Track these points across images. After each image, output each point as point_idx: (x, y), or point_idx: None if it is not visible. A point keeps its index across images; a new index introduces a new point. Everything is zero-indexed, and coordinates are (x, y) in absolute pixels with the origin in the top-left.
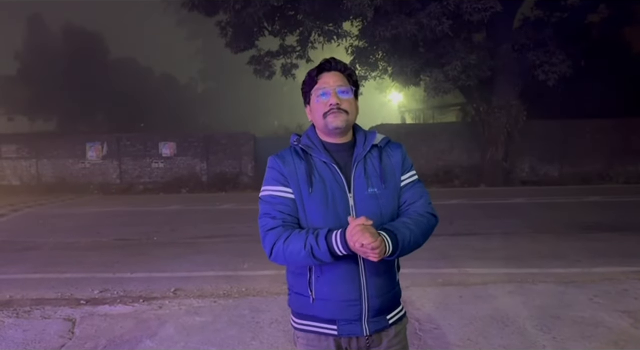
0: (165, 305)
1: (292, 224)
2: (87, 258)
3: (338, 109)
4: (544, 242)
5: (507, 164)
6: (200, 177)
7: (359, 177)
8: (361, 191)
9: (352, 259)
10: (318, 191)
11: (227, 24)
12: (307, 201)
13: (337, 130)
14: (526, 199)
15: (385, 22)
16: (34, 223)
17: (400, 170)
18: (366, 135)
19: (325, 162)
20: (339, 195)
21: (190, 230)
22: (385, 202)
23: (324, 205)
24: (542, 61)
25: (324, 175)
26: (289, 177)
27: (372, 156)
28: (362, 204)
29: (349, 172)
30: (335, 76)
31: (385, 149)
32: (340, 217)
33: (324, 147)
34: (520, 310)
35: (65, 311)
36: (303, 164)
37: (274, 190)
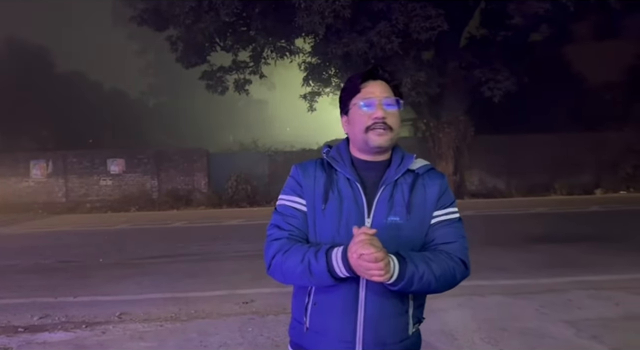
0: (109, 330)
1: (300, 238)
2: (28, 281)
3: (383, 123)
4: (492, 254)
5: (456, 177)
6: (150, 194)
7: (382, 202)
8: (381, 217)
9: (352, 288)
10: (332, 208)
11: (178, 38)
12: (318, 217)
13: (378, 149)
14: (475, 212)
15: (336, 39)
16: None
17: (433, 204)
18: (403, 156)
19: (349, 179)
20: (354, 217)
21: (138, 250)
22: (406, 234)
23: (336, 224)
24: (487, 78)
25: (343, 192)
26: (305, 188)
27: (404, 181)
28: (379, 232)
29: (373, 194)
30: (382, 86)
31: (423, 177)
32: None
33: (351, 162)
34: (469, 323)
35: (1, 340)
36: (323, 177)
37: (287, 200)
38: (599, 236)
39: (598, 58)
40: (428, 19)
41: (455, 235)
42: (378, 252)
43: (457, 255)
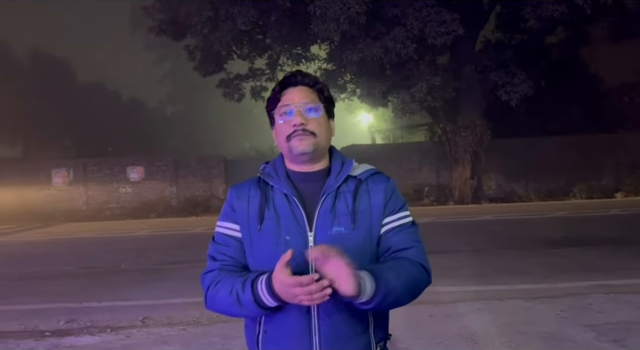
0: (133, 334)
1: (234, 268)
2: (52, 287)
3: (303, 130)
4: (511, 258)
5: (474, 181)
6: (169, 201)
7: (324, 213)
8: (324, 230)
9: (302, 311)
10: (269, 228)
11: (195, 47)
12: (254, 240)
13: (303, 155)
14: (493, 216)
15: (351, 45)
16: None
17: (380, 210)
18: (343, 163)
19: (285, 194)
20: (295, 234)
21: (159, 256)
22: (353, 245)
23: (274, 244)
24: (503, 81)
25: (280, 209)
26: (238, 211)
27: (346, 189)
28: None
29: (314, 206)
30: (302, 92)
31: (366, 182)
32: (296, 260)
33: (286, 176)
34: (489, 327)
35: (29, 344)
36: (258, 196)
37: (221, 227)
38: (619, 240)
39: (615, 59)
40: (443, 24)
41: (411, 240)
42: (297, 278)
43: (417, 261)
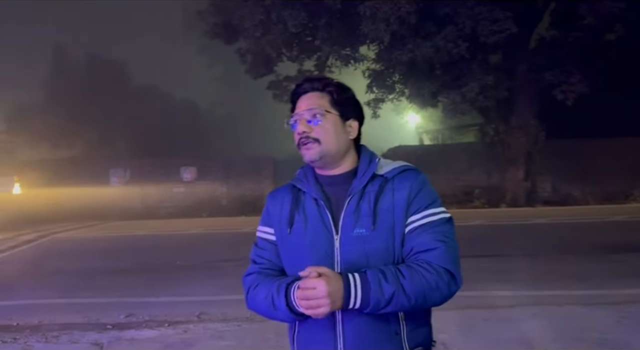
0: (190, 329)
1: (272, 271)
2: (112, 282)
3: (307, 138)
4: (568, 263)
5: (527, 183)
6: (220, 200)
7: (348, 215)
8: (348, 231)
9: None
10: (298, 231)
11: (247, 50)
12: (285, 243)
13: (312, 163)
14: (548, 219)
15: (401, 45)
16: (59, 248)
17: (403, 209)
18: (370, 161)
19: (315, 198)
20: (321, 237)
21: (212, 253)
22: (374, 246)
23: (301, 247)
24: (559, 81)
25: (309, 213)
26: (272, 216)
27: (372, 189)
28: (347, 248)
29: (340, 208)
30: (310, 98)
31: (392, 181)
32: (321, 263)
33: (315, 180)
34: (546, 332)
35: (93, 336)
36: (290, 201)
37: (260, 231)
38: None
39: None
40: (496, 22)
41: (436, 240)
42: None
43: (439, 264)
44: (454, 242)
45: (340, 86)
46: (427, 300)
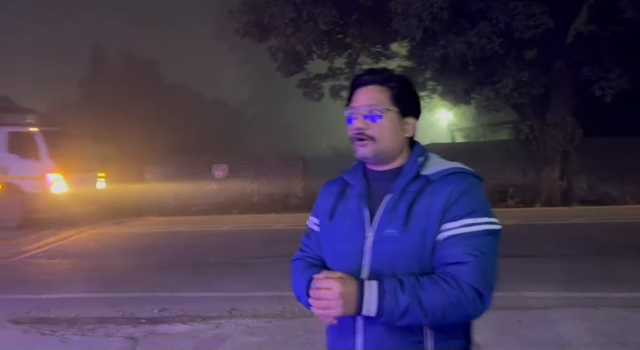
0: (222, 324)
1: (314, 260)
2: (146, 278)
3: (363, 135)
4: (606, 264)
5: (564, 183)
6: (251, 198)
7: (385, 213)
8: (380, 230)
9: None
10: (336, 224)
11: (278, 49)
12: (325, 234)
13: (365, 160)
14: (585, 220)
15: (433, 42)
16: (96, 244)
17: (438, 213)
18: (416, 161)
19: (359, 193)
20: (356, 233)
21: (243, 250)
22: (403, 250)
23: (338, 240)
24: (598, 77)
25: (350, 206)
26: (319, 206)
27: (413, 189)
28: (378, 247)
29: (380, 206)
30: (369, 93)
31: (436, 183)
32: (351, 259)
33: (363, 175)
34: (583, 335)
35: (127, 330)
36: (337, 193)
37: (310, 220)
38: None
39: None
40: (532, 17)
41: (468, 254)
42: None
43: (467, 281)
44: (489, 258)
45: (402, 81)
46: (446, 317)
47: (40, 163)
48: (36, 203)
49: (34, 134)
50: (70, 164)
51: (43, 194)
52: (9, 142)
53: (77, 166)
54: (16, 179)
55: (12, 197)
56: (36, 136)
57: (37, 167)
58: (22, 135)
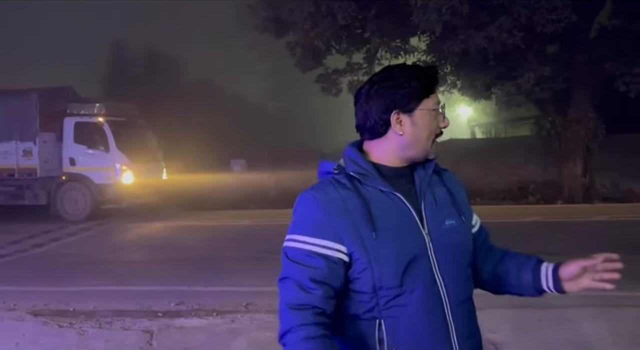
0: (237, 319)
1: (328, 301)
2: (163, 271)
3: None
4: (630, 263)
5: (586, 179)
6: (268, 192)
7: (430, 208)
8: (437, 225)
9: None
10: (385, 231)
11: (296, 44)
12: (372, 250)
13: (430, 157)
14: (608, 217)
15: (453, 36)
16: (111, 238)
17: (467, 202)
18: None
19: (384, 191)
20: (411, 234)
21: (260, 245)
22: (462, 239)
23: (389, 251)
24: (621, 72)
25: (388, 209)
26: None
27: (433, 182)
28: (440, 243)
29: (414, 201)
30: None
31: (441, 174)
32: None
33: (378, 172)
34: (605, 335)
35: (144, 323)
36: (356, 198)
37: (313, 244)
38: None
39: None
40: (554, 11)
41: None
42: None
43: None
44: None
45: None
46: None
47: (109, 153)
48: (105, 194)
49: (102, 124)
50: (137, 154)
51: (112, 185)
52: (76, 133)
53: (143, 156)
54: (84, 169)
55: (81, 188)
56: (104, 126)
57: (106, 158)
58: (90, 126)
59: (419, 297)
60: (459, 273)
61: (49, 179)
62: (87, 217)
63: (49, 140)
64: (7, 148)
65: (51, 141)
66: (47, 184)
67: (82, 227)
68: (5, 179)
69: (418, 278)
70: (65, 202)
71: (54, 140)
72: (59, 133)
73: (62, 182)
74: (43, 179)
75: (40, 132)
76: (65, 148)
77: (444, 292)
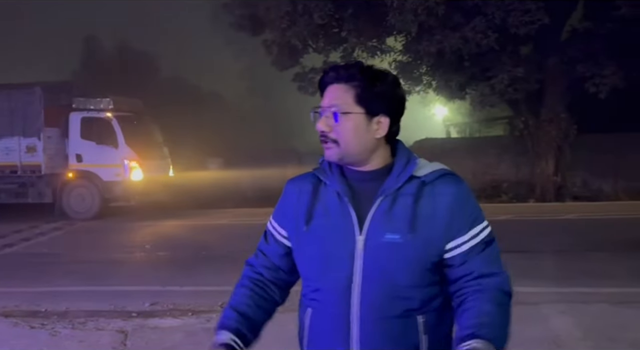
0: (213, 318)
1: (265, 270)
2: (137, 271)
3: (325, 137)
4: (597, 260)
5: (557, 178)
6: (245, 191)
7: (378, 216)
8: (376, 235)
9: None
10: (315, 228)
11: (272, 42)
12: (300, 241)
13: (334, 162)
14: (578, 215)
15: (429, 37)
16: (84, 238)
17: (444, 219)
18: (408, 160)
19: (338, 192)
20: (341, 237)
21: (237, 244)
22: (407, 257)
23: (317, 246)
24: (592, 73)
25: (330, 207)
26: (288, 206)
27: (408, 191)
28: (375, 254)
29: (368, 207)
30: (334, 92)
31: (432, 184)
32: (339, 265)
33: (340, 173)
34: (573, 331)
35: (118, 323)
36: (308, 193)
37: (270, 223)
38: None
39: None
40: (527, 13)
41: (495, 262)
42: None
43: (506, 290)
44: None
45: (370, 77)
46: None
47: (118, 150)
48: (114, 191)
49: (110, 120)
50: (145, 151)
51: (121, 182)
52: (82, 128)
53: (151, 153)
54: (92, 166)
55: (89, 185)
56: (112, 122)
57: (114, 154)
58: (98, 121)
59: (328, 300)
60: (385, 289)
61: (54, 176)
62: (95, 216)
63: (53, 135)
64: (9, 144)
65: (55, 137)
66: (52, 181)
67: (53, 226)
68: (7, 177)
69: (334, 280)
70: (71, 200)
71: (58, 136)
72: (63, 128)
73: (68, 179)
74: (48, 176)
75: (44, 127)
76: (71, 144)
77: (356, 302)
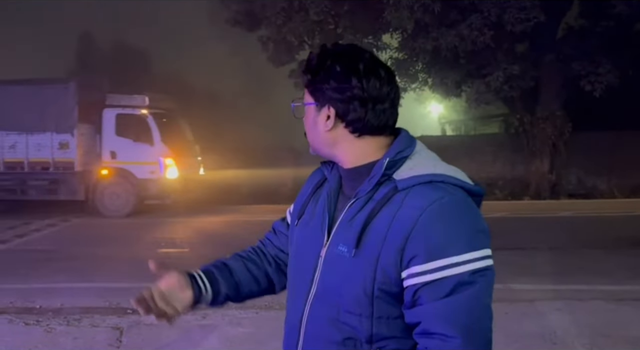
0: (209, 315)
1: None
2: (132, 267)
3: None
4: (592, 257)
5: (552, 176)
6: (241, 189)
7: (343, 224)
8: (334, 243)
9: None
10: (301, 226)
11: (268, 38)
12: (291, 233)
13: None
14: (573, 213)
15: (425, 34)
16: (79, 234)
17: (398, 239)
18: (394, 158)
19: (328, 191)
20: (312, 242)
21: (232, 240)
22: (347, 274)
23: (295, 248)
24: (587, 71)
25: (319, 207)
26: (300, 197)
27: (376, 197)
28: (329, 265)
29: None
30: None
31: (406, 193)
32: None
33: (337, 170)
34: (569, 328)
35: (113, 320)
36: (311, 187)
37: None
38: None
39: None
40: (523, 10)
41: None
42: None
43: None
44: (481, 322)
45: (317, 65)
46: None
47: (154, 147)
48: (149, 189)
49: (146, 117)
50: (179, 148)
51: (156, 180)
52: (117, 125)
53: (185, 150)
54: (126, 163)
55: (123, 182)
56: (148, 119)
57: (150, 151)
58: (133, 118)
59: (288, 305)
60: (323, 309)
61: (86, 172)
62: (129, 214)
63: (86, 132)
64: (41, 140)
65: (88, 133)
66: (85, 178)
67: (48, 222)
68: (37, 173)
69: (299, 285)
70: (105, 197)
71: (91, 132)
72: (97, 125)
73: (102, 176)
74: (81, 172)
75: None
76: (105, 141)
77: (304, 317)
